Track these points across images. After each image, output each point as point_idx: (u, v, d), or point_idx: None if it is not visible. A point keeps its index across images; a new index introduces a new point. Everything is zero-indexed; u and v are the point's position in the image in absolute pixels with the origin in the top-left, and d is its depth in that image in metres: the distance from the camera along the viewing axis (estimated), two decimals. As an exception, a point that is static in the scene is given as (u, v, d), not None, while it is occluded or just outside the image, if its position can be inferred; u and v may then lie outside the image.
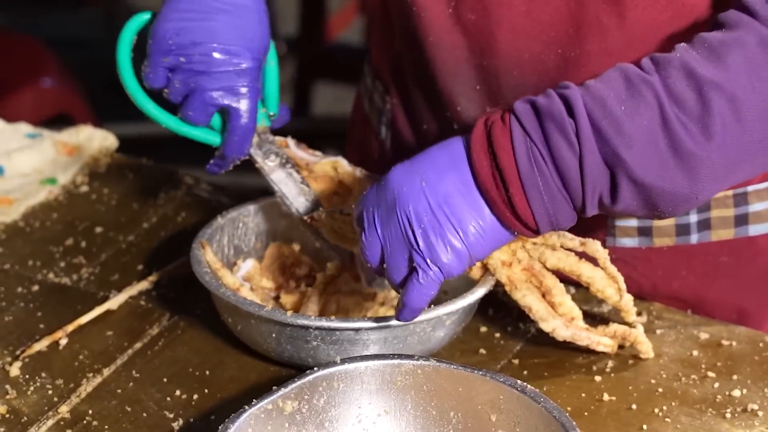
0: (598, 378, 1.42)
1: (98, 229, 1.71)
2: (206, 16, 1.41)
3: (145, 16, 1.47)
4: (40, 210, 1.76)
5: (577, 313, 1.44)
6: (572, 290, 1.53)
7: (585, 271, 1.42)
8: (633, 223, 1.51)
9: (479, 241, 1.28)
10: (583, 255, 1.43)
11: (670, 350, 1.47)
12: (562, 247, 1.43)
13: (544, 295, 1.42)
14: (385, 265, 1.31)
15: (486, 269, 1.43)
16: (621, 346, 1.46)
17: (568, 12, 1.39)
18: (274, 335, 1.40)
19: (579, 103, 1.25)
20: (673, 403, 1.38)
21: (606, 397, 1.39)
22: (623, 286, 1.43)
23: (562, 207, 1.27)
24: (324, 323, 1.38)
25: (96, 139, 1.89)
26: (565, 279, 1.45)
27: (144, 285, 1.58)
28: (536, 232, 1.29)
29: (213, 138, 1.46)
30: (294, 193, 1.49)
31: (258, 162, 1.49)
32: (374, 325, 1.38)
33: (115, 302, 1.54)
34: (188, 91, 1.42)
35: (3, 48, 3.47)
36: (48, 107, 3.30)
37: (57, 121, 2.87)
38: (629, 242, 1.53)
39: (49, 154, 1.86)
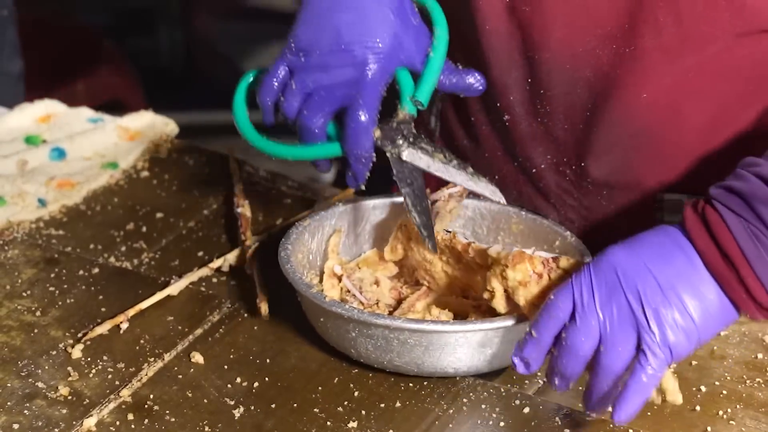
0: (661, 378, 1.41)
1: (159, 215, 1.72)
2: (329, 16, 1.38)
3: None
4: (102, 194, 1.76)
5: None
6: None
7: None
8: None
9: (707, 320, 1.26)
10: None
11: (734, 352, 1.45)
12: None
13: None
14: (601, 353, 1.25)
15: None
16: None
17: (624, 7, 1.38)
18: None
19: None
20: (738, 406, 1.37)
21: (669, 397, 1.38)
22: None
23: None
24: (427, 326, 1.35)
25: (157, 125, 1.90)
26: None
27: (204, 272, 1.58)
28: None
29: (333, 149, 1.41)
30: (427, 164, 1.43)
31: (387, 151, 1.41)
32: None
33: (175, 288, 1.54)
34: (306, 93, 1.39)
35: (58, 35, 3.49)
36: (102, 94, 3.31)
37: (110, 107, 2.88)
38: None
39: (111, 139, 1.86)
